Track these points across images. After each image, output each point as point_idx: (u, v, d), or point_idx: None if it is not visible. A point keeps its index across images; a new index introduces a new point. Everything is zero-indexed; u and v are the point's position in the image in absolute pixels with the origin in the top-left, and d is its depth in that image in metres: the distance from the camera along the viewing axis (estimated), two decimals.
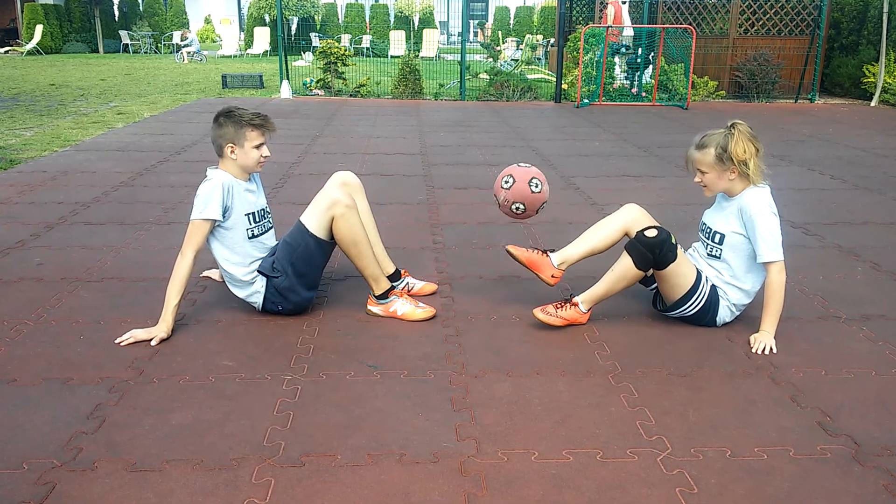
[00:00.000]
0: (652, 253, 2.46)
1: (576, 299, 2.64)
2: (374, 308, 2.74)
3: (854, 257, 3.56)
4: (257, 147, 2.63)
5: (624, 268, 2.53)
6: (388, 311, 2.73)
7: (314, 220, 2.61)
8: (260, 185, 2.83)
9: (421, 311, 2.72)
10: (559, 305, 2.64)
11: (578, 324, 2.65)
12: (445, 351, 2.47)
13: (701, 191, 2.65)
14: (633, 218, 2.70)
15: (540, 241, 3.76)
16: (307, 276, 2.67)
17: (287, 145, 6.51)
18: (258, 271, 2.67)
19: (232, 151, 2.62)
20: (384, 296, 2.72)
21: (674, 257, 2.48)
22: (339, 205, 2.58)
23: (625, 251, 2.54)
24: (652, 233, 2.48)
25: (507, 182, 2.66)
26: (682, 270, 2.53)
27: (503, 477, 1.77)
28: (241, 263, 2.66)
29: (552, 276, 2.70)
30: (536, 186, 2.66)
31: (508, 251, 2.73)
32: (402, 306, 2.72)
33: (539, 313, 2.63)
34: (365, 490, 1.71)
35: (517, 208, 2.67)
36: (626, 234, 2.71)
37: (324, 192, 2.66)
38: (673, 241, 2.48)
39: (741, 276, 2.60)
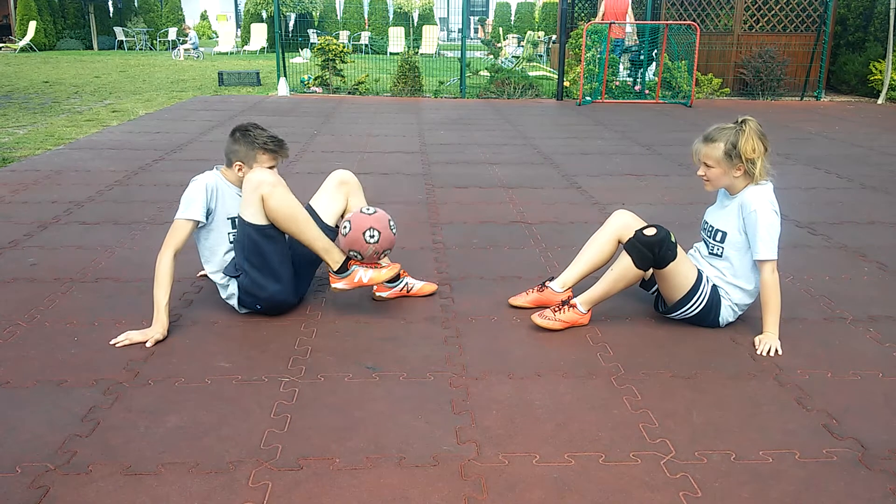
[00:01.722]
0: (651, 251, 2.43)
1: (574, 300, 2.61)
2: (339, 284, 2.60)
3: (861, 257, 3.53)
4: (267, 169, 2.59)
5: (623, 267, 2.50)
6: (353, 283, 2.59)
7: (247, 208, 2.51)
8: None
9: (385, 270, 2.59)
10: (557, 308, 2.61)
11: (579, 325, 2.62)
12: (445, 353, 2.44)
13: (703, 188, 2.62)
14: (623, 223, 2.68)
15: (542, 240, 3.73)
16: (265, 267, 2.57)
17: None
18: (223, 273, 2.65)
19: (240, 170, 2.62)
20: (343, 268, 2.59)
21: (673, 256, 2.45)
22: (263, 184, 2.47)
23: (624, 250, 2.52)
24: (651, 231, 2.45)
25: (372, 237, 2.55)
26: (683, 270, 2.50)
27: (504, 481, 1.74)
28: (220, 267, 2.66)
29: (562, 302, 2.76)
30: (394, 228, 2.62)
31: (512, 305, 2.81)
32: (364, 273, 2.58)
33: (538, 318, 2.60)
34: (364, 494, 1.69)
35: (371, 236, 2.57)
36: (620, 242, 2.68)
37: (248, 177, 2.53)
38: (672, 239, 2.45)
39: (743, 276, 2.57)
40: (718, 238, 2.58)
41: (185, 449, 1.85)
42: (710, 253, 2.64)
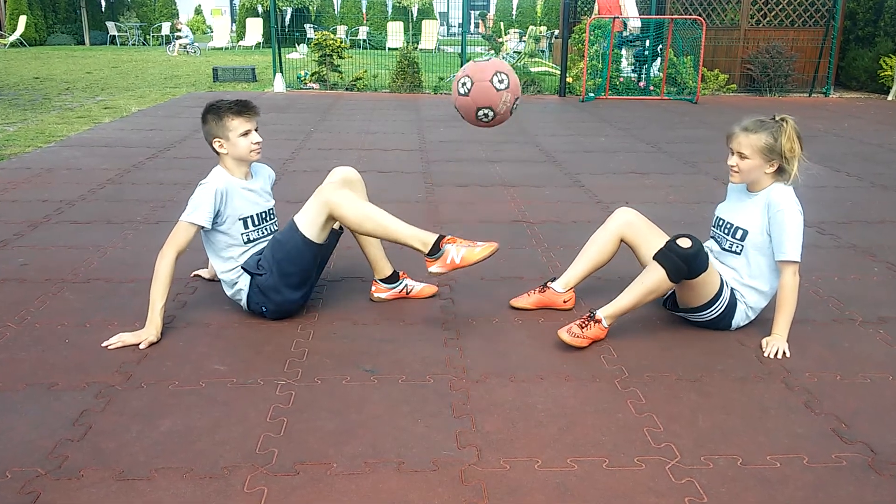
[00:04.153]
0: (687, 264, 2.33)
1: (599, 315, 2.46)
2: (434, 268, 2.46)
3: (870, 257, 3.49)
4: (244, 135, 2.54)
5: (656, 280, 2.36)
6: (447, 265, 2.41)
7: (306, 220, 2.50)
8: (268, 185, 2.75)
9: (479, 248, 2.41)
10: (584, 324, 2.46)
11: (599, 340, 2.49)
12: (445, 355, 2.40)
13: (710, 186, 2.57)
14: (626, 221, 2.63)
15: (544, 240, 3.69)
16: (292, 276, 2.54)
17: (281, 141, 6.44)
18: (242, 268, 2.59)
19: (221, 146, 2.56)
20: (435, 249, 2.43)
21: (706, 267, 2.37)
22: (330, 199, 2.46)
23: (656, 262, 2.38)
24: (686, 243, 2.33)
25: (463, 86, 2.34)
26: (710, 279, 2.43)
27: (505, 486, 1.72)
28: (231, 265, 2.60)
29: (564, 302, 2.73)
30: (501, 82, 2.39)
31: (513, 306, 2.75)
32: (457, 253, 2.41)
33: (565, 335, 2.41)
34: (362, 499, 1.66)
35: (485, 115, 2.38)
36: (623, 240, 2.64)
37: (317, 192, 2.53)
38: (705, 250, 2.38)
39: (759, 276, 2.50)
40: (738, 236, 2.51)
41: (179, 453, 1.81)
42: (723, 250, 2.57)
